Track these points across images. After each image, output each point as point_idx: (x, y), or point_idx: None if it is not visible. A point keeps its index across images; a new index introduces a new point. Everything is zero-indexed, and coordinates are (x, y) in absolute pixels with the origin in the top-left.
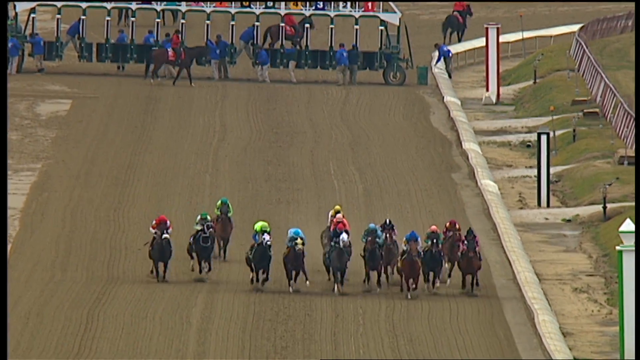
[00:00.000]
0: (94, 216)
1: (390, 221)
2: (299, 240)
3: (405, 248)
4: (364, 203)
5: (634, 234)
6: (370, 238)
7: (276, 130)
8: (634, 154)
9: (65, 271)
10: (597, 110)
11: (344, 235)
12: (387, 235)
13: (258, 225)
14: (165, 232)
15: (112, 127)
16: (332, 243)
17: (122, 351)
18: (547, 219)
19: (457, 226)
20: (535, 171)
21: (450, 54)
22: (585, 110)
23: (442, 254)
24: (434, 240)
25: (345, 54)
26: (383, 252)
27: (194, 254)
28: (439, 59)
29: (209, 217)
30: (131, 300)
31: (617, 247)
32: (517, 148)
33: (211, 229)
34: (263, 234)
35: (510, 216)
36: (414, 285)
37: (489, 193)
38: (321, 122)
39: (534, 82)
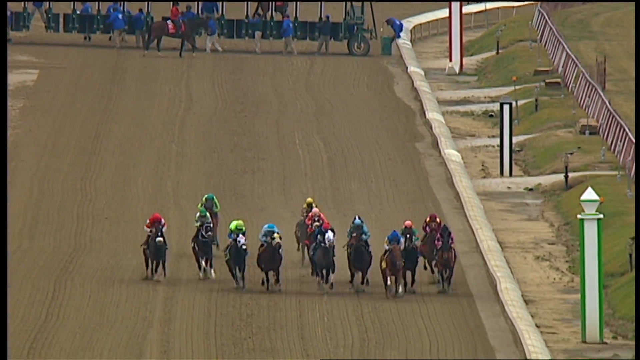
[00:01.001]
0: (62, 185)
1: (359, 217)
2: (276, 235)
3: (387, 247)
4: (329, 172)
5: (595, 203)
6: (355, 234)
7: (241, 100)
8: (595, 124)
9: (32, 239)
10: (558, 80)
11: (329, 234)
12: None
13: (233, 224)
14: (160, 232)
15: (79, 96)
16: (317, 241)
17: (90, 318)
18: (509, 187)
19: (438, 220)
20: (497, 140)
21: (402, 26)
22: (547, 80)
23: (418, 251)
24: (409, 236)
25: (290, 25)
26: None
27: (199, 254)
28: (398, 34)
29: (208, 215)
30: (98, 268)
31: (579, 216)
32: (479, 118)
33: (210, 233)
34: (238, 234)
35: (473, 185)
36: (395, 288)
37: (452, 162)
38: (286, 92)
39: (497, 53)
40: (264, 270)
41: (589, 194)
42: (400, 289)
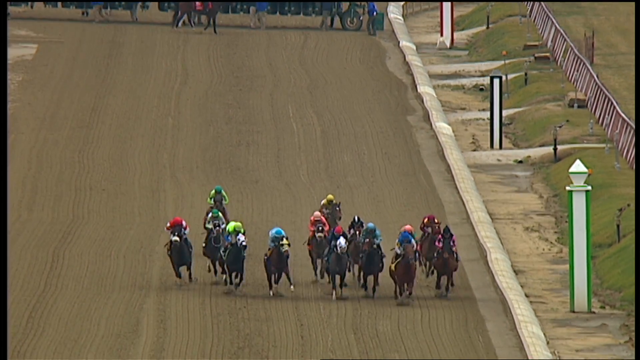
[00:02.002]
0: (60, 157)
1: (359, 218)
2: (284, 241)
3: (398, 251)
4: (322, 145)
5: (583, 175)
6: (367, 240)
7: (236, 74)
8: (583, 97)
9: (31, 211)
10: (548, 54)
11: (341, 240)
12: (357, 232)
13: (231, 226)
14: (177, 233)
15: (77, 71)
16: (331, 246)
17: (87, 288)
18: (499, 160)
19: (436, 221)
20: (488, 114)
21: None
22: (536, 55)
23: (418, 254)
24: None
25: None
26: (380, 253)
27: (211, 257)
28: (372, 14)
29: (220, 216)
30: (96, 239)
31: (567, 188)
32: (470, 91)
33: (218, 228)
34: (237, 235)
35: (463, 157)
36: (408, 291)
37: (443, 135)
38: (280, 67)
39: (487, 27)
40: (272, 273)
41: (578, 166)
42: (404, 301)
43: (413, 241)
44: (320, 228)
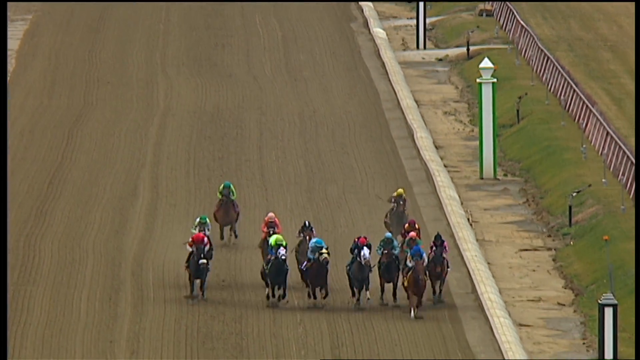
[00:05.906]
0: (74, 56)
1: (309, 223)
2: (324, 250)
3: (409, 264)
4: (282, 46)
5: (490, 70)
6: (386, 250)
7: None
8: (490, 8)
9: (51, 98)
10: None
11: (365, 251)
12: (307, 237)
13: (273, 240)
14: (203, 254)
15: None
16: (354, 255)
17: (96, 160)
18: (423, 58)
19: (417, 226)
20: (414, 21)
21: None
22: None
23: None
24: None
25: None
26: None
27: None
28: None
29: (208, 221)
30: (102, 121)
31: (478, 80)
32: (400, 3)
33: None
34: (278, 248)
35: (395, 56)
36: (417, 305)
37: (379, 38)
38: None
39: None
40: (312, 287)
41: (486, 63)
42: (415, 312)
43: (424, 256)
44: (272, 232)
